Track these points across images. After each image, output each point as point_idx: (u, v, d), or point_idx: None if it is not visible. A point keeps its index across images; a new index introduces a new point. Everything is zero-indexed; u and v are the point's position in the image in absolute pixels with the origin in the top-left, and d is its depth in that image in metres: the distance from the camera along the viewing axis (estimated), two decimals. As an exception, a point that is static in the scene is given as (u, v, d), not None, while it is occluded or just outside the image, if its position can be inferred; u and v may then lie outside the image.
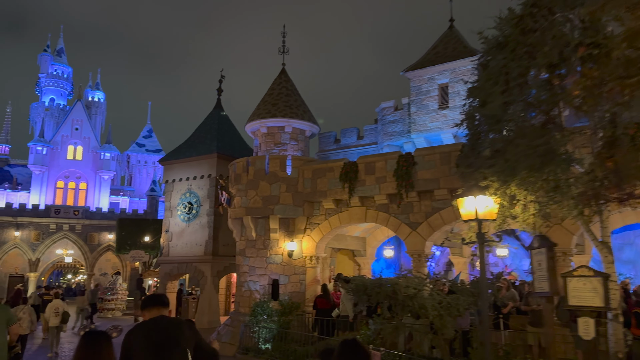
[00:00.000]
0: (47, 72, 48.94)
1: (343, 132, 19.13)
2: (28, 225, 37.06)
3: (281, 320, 13.37)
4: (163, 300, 3.85)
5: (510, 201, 6.71)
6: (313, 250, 14.34)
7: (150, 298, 3.88)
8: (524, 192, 6.52)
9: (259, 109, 15.93)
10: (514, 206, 6.76)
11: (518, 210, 6.80)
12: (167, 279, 22.94)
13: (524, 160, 5.94)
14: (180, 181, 23.56)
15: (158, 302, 3.79)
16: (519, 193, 6.56)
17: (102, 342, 2.96)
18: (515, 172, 6.15)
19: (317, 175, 14.12)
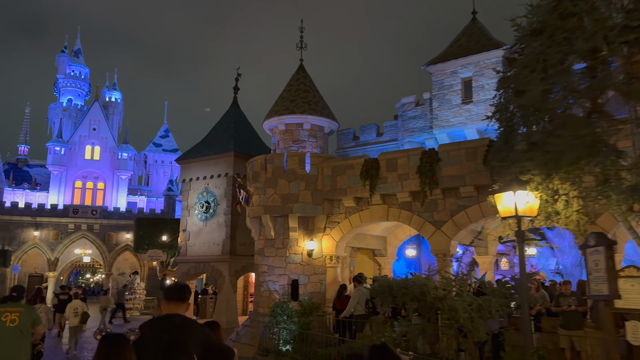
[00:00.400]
0: (64, 72, 49.33)
1: (362, 129, 18.72)
2: (47, 225, 37.35)
3: (301, 321, 13.05)
4: (184, 294, 3.69)
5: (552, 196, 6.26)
6: (333, 249, 13.99)
7: (172, 290, 3.70)
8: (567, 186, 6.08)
9: (277, 105, 15.62)
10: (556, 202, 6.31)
11: (560, 206, 6.36)
12: (185, 279, 22.79)
13: (568, 152, 5.52)
14: (198, 180, 23.43)
15: (179, 296, 3.64)
16: (562, 188, 6.12)
17: (121, 345, 2.88)
18: (558, 165, 5.72)
19: (337, 173, 13.76)
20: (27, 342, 6.01)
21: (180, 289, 3.72)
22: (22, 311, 6.03)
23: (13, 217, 36.40)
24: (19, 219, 36.53)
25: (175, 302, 3.60)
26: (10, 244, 35.84)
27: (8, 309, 5.98)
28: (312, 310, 13.42)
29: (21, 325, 5.89)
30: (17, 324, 5.86)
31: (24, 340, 5.94)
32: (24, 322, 5.94)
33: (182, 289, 3.74)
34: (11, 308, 6.03)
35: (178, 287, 3.74)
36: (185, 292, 3.72)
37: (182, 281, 22.73)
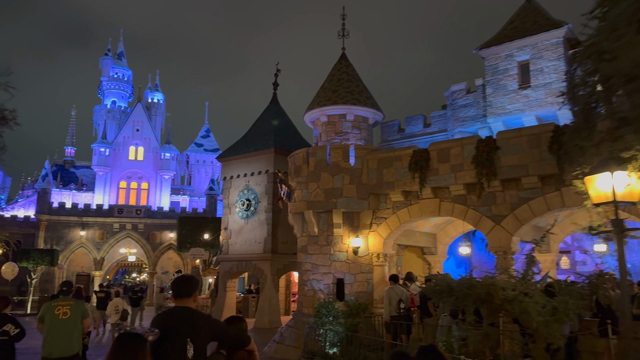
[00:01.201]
0: (108, 75, 50.39)
1: (408, 120, 17.75)
2: (93, 225, 38.07)
3: (348, 322, 12.29)
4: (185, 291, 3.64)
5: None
6: (380, 246, 13.16)
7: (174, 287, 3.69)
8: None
9: (319, 96, 14.92)
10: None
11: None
12: (226, 277, 22.48)
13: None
14: (238, 177, 23.07)
15: (180, 293, 3.64)
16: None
17: (136, 345, 2.78)
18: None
19: (383, 165, 12.92)
20: (78, 333, 6.57)
21: (182, 286, 3.67)
22: (73, 304, 6.60)
23: (60, 217, 37.29)
24: (66, 219, 37.39)
25: (179, 299, 3.64)
26: (58, 243, 36.71)
27: (61, 303, 6.57)
28: (359, 311, 12.65)
29: (72, 318, 6.46)
30: (69, 317, 6.43)
31: (76, 330, 6.51)
32: (75, 315, 6.50)
33: (184, 286, 3.68)
34: (63, 302, 6.61)
35: (180, 284, 3.70)
36: (187, 289, 3.66)
37: (224, 280, 22.40)
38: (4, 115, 15.70)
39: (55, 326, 6.39)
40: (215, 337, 3.59)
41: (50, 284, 34.99)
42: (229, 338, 3.65)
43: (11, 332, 6.70)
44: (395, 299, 11.23)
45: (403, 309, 11.22)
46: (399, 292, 11.31)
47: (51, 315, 6.46)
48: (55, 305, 6.56)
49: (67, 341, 6.39)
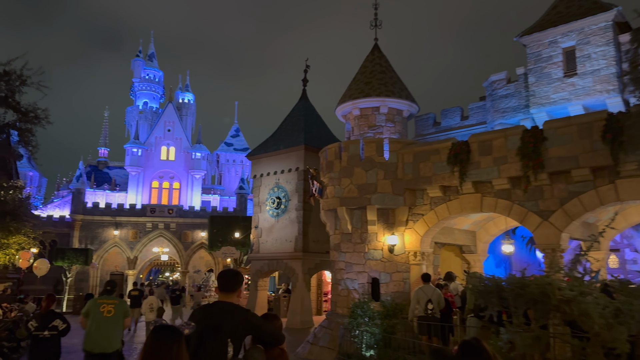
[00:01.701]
0: (139, 76, 51.05)
1: (443, 112, 17.03)
2: (126, 225, 38.53)
3: (384, 323, 11.75)
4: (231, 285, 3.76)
5: None
6: (417, 244, 12.56)
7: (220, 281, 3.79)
8: None
9: (350, 89, 14.40)
10: None
11: None
12: (258, 276, 22.21)
13: None
14: (268, 175, 22.78)
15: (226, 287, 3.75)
16: None
17: (172, 338, 2.65)
18: None
19: (420, 159, 12.31)
20: (120, 331, 6.94)
21: (228, 280, 3.76)
22: (116, 303, 6.94)
23: (94, 217, 37.87)
24: (100, 219, 37.94)
25: (224, 292, 3.72)
26: (92, 242, 37.27)
27: (105, 301, 6.91)
28: (395, 312, 12.08)
29: (116, 316, 6.79)
30: (112, 315, 6.76)
31: (118, 328, 6.87)
32: (118, 313, 6.84)
33: (230, 280, 3.77)
34: (107, 300, 6.93)
35: (227, 278, 3.78)
36: (233, 284, 3.76)
37: (255, 279, 22.15)
38: (37, 115, 15.82)
39: (99, 323, 6.72)
40: (252, 331, 3.62)
41: (85, 282, 35.57)
42: (265, 334, 3.67)
43: (59, 327, 7.05)
44: (425, 300, 10.73)
45: (431, 310, 10.67)
46: (429, 292, 10.79)
47: (96, 311, 6.80)
48: (100, 302, 6.91)
49: (109, 338, 6.71)
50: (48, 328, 6.97)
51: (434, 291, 10.84)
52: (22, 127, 15.47)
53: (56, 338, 7.03)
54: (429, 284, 11.08)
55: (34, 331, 6.98)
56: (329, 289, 26.43)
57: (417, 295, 11.04)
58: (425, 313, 10.79)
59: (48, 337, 6.94)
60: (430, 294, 10.79)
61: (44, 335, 6.92)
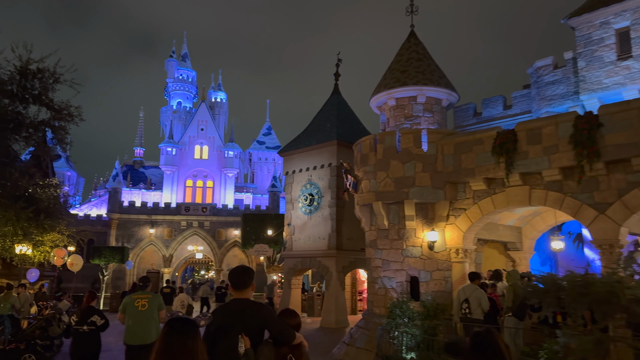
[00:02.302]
0: (173, 76, 51.58)
1: (484, 102, 16.13)
2: (161, 223, 38.88)
3: (425, 324, 11.08)
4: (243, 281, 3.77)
5: None
6: (459, 241, 11.82)
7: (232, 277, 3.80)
8: None
9: (386, 78, 13.75)
10: None
11: None
12: (291, 274, 21.81)
13: None
14: (300, 172, 22.34)
15: (237, 283, 3.77)
16: None
17: (187, 330, 2.53)
18: None
19: (462, 150, 11.57)
20: (156, 323, 7.20)
21: (239, 277, 3.78)
22: (150, 297, 7.26)
23: (131, 215, 38.36)
24: (136, 218, 38.40)
25: (237, 290, 3.74)
26: (129, 241, 37.76)
27: (139, 296, 7.23)
28: (437, 313, 11.40)
29: (150, 309, 7.14)
30: (147, 308, 7.10)
31: (153, 321, 7.17)
32: (152, 307, 7.18)
33: (241, 276, 3.78)
34: (141, 295, 7.26)
35: (238, 274, 3.79)
36: (244, 279, 3.77)
37: (289, 277, 21.76)
38: (70, 112, 15.88)
39: (135, 317, 7.12)
40: (264, 327, 3.62)
41: (122, 280, 36.03)
42: (273, 331, 3.66)
43: (98, 322, 7.45)
44: (461, 299, 10.07)
45: (467, 311, 9.98)
46: (467, 291, 10.11)
47: (131, 307, 7.20)
48: (135, 298, 7.27)
49: (146, 330, 7.07)
50: (87, 323, 7.41)
51: (473, 291, 10.13)
52: (55, 125, 15.52)
53: (95, 333, 7.45)
54: (471, 283, 10.39)
55: (74, 326, 7.46)
56: (364, 287, 25.81)
57: (457, 295, 10.42)
58: (461, 314, 10.18)
59: (87, 331, 7.38)
60: (468, 294, 10.12)
61: (83, 330, 7.39)
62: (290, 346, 3.70)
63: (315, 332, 18.46)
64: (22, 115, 14.85)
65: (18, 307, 12.88)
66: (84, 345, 7.40)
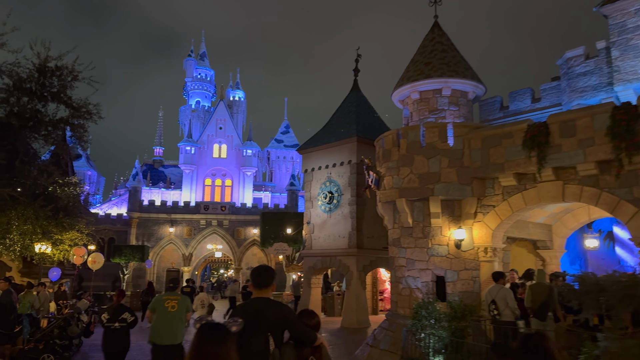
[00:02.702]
0: (192, 76, 51.68)
1: (512, 95, 15.52)
2: (181, 222, 38.92)
3: (453, 326, 10.62)
4: (264, 280, 3.79)
5: None
6: (488, 239, 11.32)
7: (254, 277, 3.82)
8: None
9: (409, 71, 13.29)
10: None
11: None
12: (311, 273, 21.48)
13: None
14: (320, 170, 21.99)
15: (259, 283, 3.78)
16: None
17: (220, 336, 2.49)
18: None
19: (490, 145, 11.06)
20: (183, 323, 7.45)
21: (261, 276, 3.79)
22: (179, 299, 7.51)
23: (150, 214, 38.47)
24: (156, 217, 38.51)
25: (258, 289, 3.76)
26: (149, 240, 37.87)
27: (169, 297, 7.46)
28: (464, 314, 10.92)
29: (179, 311, 7.36)
30: (176, 310, 7.30)
31: (181, 322, 7.39)
32: (181, 308, 7.40)
33: (262, 275, 3.79)
34: (171, 296, 7.48)
35: (259, 273, 3.81)
36: (265, 278, 3.78)
37: (309, 276, 21.43)
38: (88, 110, 15.77)
39: (164, 317, 7.30)
40: (285, 327, 3.62)
41: (142, 279, 36.12)
42: (295, 332, 3.64)
43: (128, 319, 7.84)
44: (488, 301, 9.61)
45: (496, 312, 9.51)
46: (493, 292, 9.68)
47: (161, 307, 7.38)
48: (165, 298, 7.48)
49: (174, 331, 7.29)
50: (118, 320, 7.78)
51: (499, 291, 9.66)
52: (74, 123, 15.42)
53: (125, 329, 7.84)
54: (495, 284, 9.93)
55: (106, 323, 7.80)
56: (385, 287, 25.36)
57: (485, 297, 9.97)
58: (490, 316, 9.73)
59: (118, 328, 7.75)
60: (494, 295, 9.68)
61: (115, 327, 7.75)
62: (312, 347, 3.68)
63: (337, 332, 18.09)
64: (41, 113, 14.80)
65: (37, 306, 12.78)
66: (116, 341, 7.77)
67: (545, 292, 9.67)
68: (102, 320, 7.93)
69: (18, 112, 14.12)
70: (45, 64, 14.37)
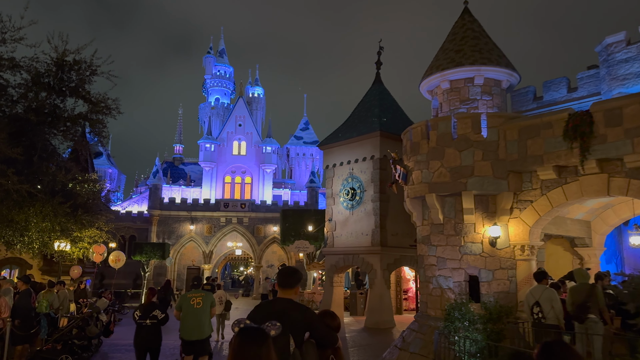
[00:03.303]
0: (211, 73, 51.54)
1: (546, 85, 14.71)
2: (201, 219, 38.77)
3: (488, 329, 9.99)
4: (290, 281, 3.82)
5: None
6: (525, 236, 10.64)
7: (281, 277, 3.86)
8: None
9: (438, 59, 12.63)
10: None
11: None
12: (333, 272, 20.94)
13: None
14: (341, 165, 21.42)
15: (285, 283, 3.82)
16: None
17: (260, 340, 2.50)
18: None
19: (528, 136, 10.37)
20: (209, 318, 7.92)
21: (288, 277, 3.83)
22: (204, 296, 7.93)
23: (171, 212, 38.40)
24: (176, 214, 38.42)
25: (283, 289, 3.82)
26: (169, 237, 37.79)
27: (194, 294, 7.90)
28: (500, 316, 10.28)
29: (204, 307, 7.79)
30: (201, 306, 7.72)
31: (207, 317, 7.84)
32: (206, 304, 7.84)
33: (289, 276, 3.83)
34: (196, 293, 7.94)
35: (286, 274, 3.85)
36: (291, 280, 3.83)
37: (331, 274, 20.92)
38: (107, 105, 15.47)
39: (191, 314, 7.76)
40: (307, 329, 3.65)
41: (163, 277, 36.05)
42: (317, 334, 3.67)
43: (158, 316, 8.16)
44: (531, 303, 8.93)
45: (540, 315, 8.81)
46: (536, 293, 8.97)
47: (187, 304, 7.83)
48: (190, 296, 7.94)
49: (200, 326, 7.74)
50: (149, 317, 8.12)
51: (543, 292, 8.97)
52: (93, 118, 15.14)
53: (156, 326, 8.18)
54: (538, 284, 9.24)
55: (138, 319, 8.18)
56: (409, 286, 24.71)
57: (526, 299, 9.29)
58: (533, 319, 9.06)
59: (149, 324, 8.09)
60: (537, 296, 8.98)
61: (146, 323, 8.10)
62: (332, 348, 3.74)
63: (361, 333, 17.53)
64: (59, 108, 14.55)
65: (56, 305, 12.51)
66: (148, 337, 8.11)
67: (585, 292, 8.98)
68: (135, 317, 8.27)
69: (36, 107, 13.89)
70: (63, 57, 14.10)
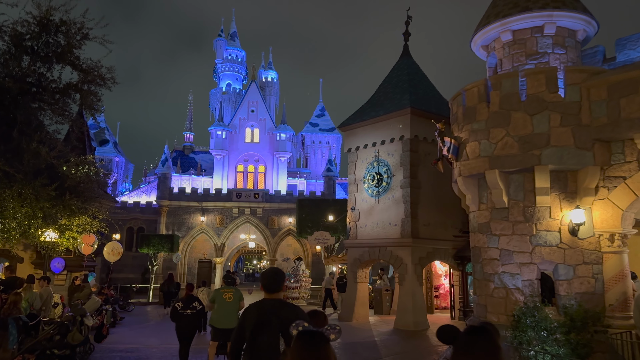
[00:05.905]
0: (222, 57, 49.46)
1: (619, 43, 12.26)
2: (212, 210, 36.80)
3: (572, 340, 7.76)
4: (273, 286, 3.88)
5: None
6: (616, 223, 8.37)
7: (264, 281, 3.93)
8: None
9: (496, 5, 10.29)
10: None
11: None
12: (356, 266, 18.74)
13: None
14: (365, 148, 19.14)
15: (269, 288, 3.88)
16: None
17: (320, 344, 2.41)
18: None
19: (621, 94, 8.07)
20: (237, 310, 9.02)
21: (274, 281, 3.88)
22: (233, 291, 9.21)
23: (181, 202, 36.47)
24: (187, 205, 36.48)
25: (270, 293, 3.86)
26: (179, 229, 35.88)
27: (226, 290, 9.19)
28: (585, 323, 8.03)
29: (234, 300, 9.07)
30: (232, 300, 9.03)
31: (236, 310, 9.00)
32: (235, 298, 9.11)
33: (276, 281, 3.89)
34: (227, 289, 9.22)
35: (270, 278, 3.90)
36: (275, 284, 3.87)
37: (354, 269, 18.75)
38: (100, 73, 13.42)
39: (223, 307, 8.92)
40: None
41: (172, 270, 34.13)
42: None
43: (197, 307, 9.41)
44: None
45: None
46: None
47: (220, 298, 8.97)
48: (223, 291, 9.07)
49: (231, 317, 8.74)
50: (190, 308, 9.35)
51: None
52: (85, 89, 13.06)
53: (196, 315, 9.43)
54: None
55: (180, 310, 9.28)
56: (440, 282, 22.42)
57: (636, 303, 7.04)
58: None
59: (189, 314, 9.32)
60: None
61: (187, 313, 9.30)
62: None
63: (391, 336, 15.29)
64: (44, 77, 12.53)
65: (38, 306, 10.52)
66: (189, 325, 9.36)
67: None
68: (177, 308, 9.32)
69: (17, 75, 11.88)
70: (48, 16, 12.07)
